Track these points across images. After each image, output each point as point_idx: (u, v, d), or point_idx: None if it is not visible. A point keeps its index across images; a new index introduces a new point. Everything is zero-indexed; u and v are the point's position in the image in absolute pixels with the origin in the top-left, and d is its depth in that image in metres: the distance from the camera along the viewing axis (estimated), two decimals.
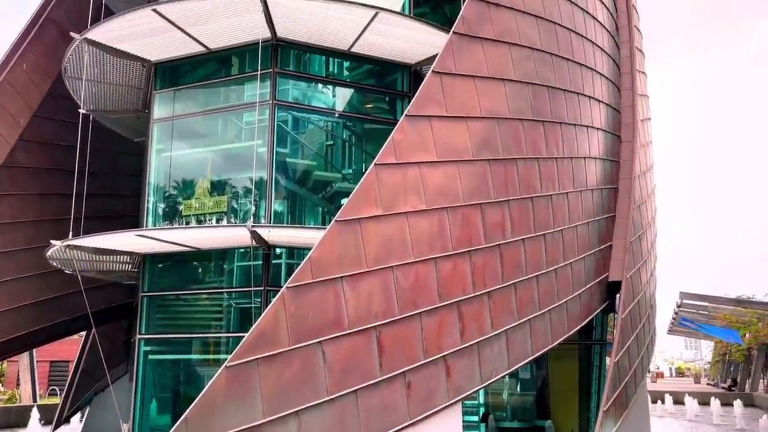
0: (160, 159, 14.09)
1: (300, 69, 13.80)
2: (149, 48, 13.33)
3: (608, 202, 14.92)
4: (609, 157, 15.18)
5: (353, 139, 14.54)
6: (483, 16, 11.67)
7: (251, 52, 13.13)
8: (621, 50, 16.29)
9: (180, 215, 13.60)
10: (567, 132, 13.32)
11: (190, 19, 12.20)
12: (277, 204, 13.03)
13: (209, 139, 14.34)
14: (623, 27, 16.38)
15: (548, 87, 12.79)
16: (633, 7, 16.88)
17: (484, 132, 11.54)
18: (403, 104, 13.83)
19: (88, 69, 13.44)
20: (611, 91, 15.65)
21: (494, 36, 11.80)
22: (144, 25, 12.40)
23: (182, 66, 14.12)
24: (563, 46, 13.41)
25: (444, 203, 10.58)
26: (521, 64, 12.26)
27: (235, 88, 13.90)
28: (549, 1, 13.21)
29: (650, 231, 16.94)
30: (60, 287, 15.67)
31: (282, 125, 13.14)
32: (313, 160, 13.91)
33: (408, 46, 13.18)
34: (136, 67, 13.86)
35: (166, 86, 14.07)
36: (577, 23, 14.01)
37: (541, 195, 12.35)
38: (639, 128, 15.71)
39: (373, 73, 14.43)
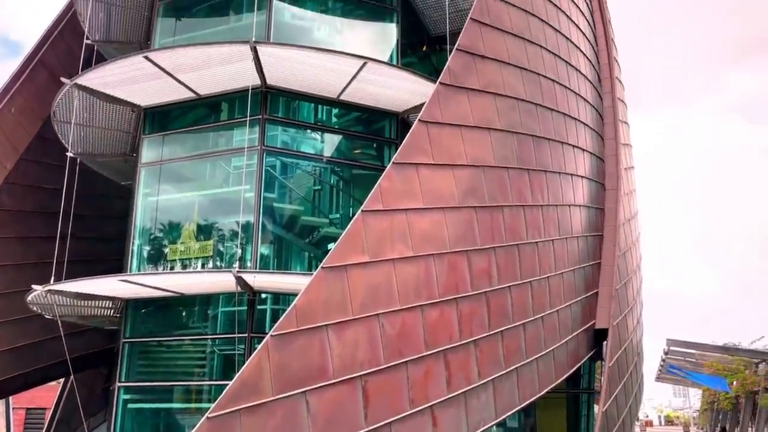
0: (147, 203, 14.04)
1: (289, 115, 13.97)
2: (139, 93, 13.45)
3: (593, 249, 15.03)
4: (593, 205, 15.37)
5: (341, 185, 14.62)
6: (469, 67, 11.94)
7: (241, 99, 13.30)
8: (603, 101, 16.70)
9: (165, 259, 13.48)
10: (552, 180, 13.50)
11: (182, 66, 12.37)
12: (264, 248, 12.97)
13: (196, 183, 14.35)
14: (605, 78, 16.83)
15: (533, 136, 13.03)
16: (614, 60, 17.39)
17: (470, 180, 11.66)
18: (391, 151, 13.98)
19: (77, 113, 13.50)
20: (595, 140, 15.96)
21: (480, 87, 12.06)
22: (135, 72, 12.53)
23: (172, 111, 14.24)
24: (547, 96, 13.72)
25: (431, 250, 10.58)
26: (506, 114, 12.50)
27: (224, 133, 14.00)
28: (533, 52, 13.57)
29: (636, 278, 17.03)
30: (38, 333, 15.33)
31: (270, 170, 13.21)
32: (300, 205, 13.93)
33: (395, 95, 13.42)
34: (125, 112, 13.94)
35: (155, 131, 14.14)
36: (560, 74, 14.38)
37: (527, 242, 12.41)
38: (622, 177, 15.97)
39: (361, 120, 14.64)
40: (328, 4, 15.27)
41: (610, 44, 17.25)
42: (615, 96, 16.62)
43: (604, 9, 17.43)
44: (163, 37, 14.74)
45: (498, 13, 12.71)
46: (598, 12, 17.34)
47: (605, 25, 17.29)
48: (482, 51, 12.19)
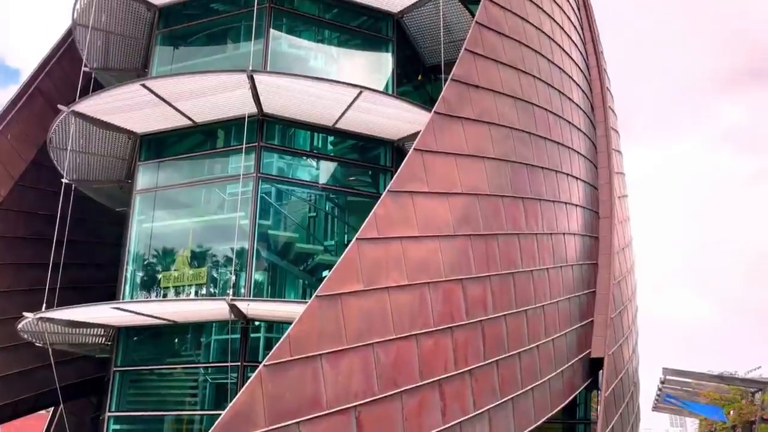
0: (141, 229, 14.00)
1: (285, 143, 14.03)
2: (136, 121, 13.51)
3: (588, 277, 15.02)
4: (588, 233, 15.41)
5: (336, 212, 14.63)
6: (463, 96, 12.06)
7: (237, 126, 13.35)
8: (597, 130, 16.86)
9: (159, 286, 13.39)
10: (546, 208, 13.55)
11: (179, 94, 12.45)
12: (258, 275, 12.91)
13: (191, 210, 14.34)
14: (598, 108, 17.02)
15: (527, 165, 13.11)
16: (607, 90, 17.62)
17: (464, 208, 11.69)
18: (386, 178, 14.03)
19: (73, 140, 13.54)
20: (588, 168, 16.07)
21: (474, 116, 12.17)
22: (133, 99, 12.61)
23: (168, 138, 14.29)
24: (541, 125, 13.85)
25: (426, 278, 10.55)
26: (500, 143, 12.60)
27: (220, 160, 14.03)
28: (527, 82, 13.74)
29: (631, 306, 17.00)
30: (28, 361, 15.13)
31: (265, 197, 13.22)
32: (295, 232, 13.91)
33: (391, 123, 13.51)
34: (121, 139, 13.99)
35: (151, 158, 14.17)
36: (553, 104, 14.54)
37: (522, 270, 12.40)
38: (616, 205, 16.05)
39: (356, 147, 14.72)
40: (324, 34, 15.45)
41: (603, 74, 17.49)
42: (608, 125, 16.80)
43: (596, 41, 17.72)
44: (160, 65, 14.85)
45: (492, 44, 12.90)
46: (590, 44, 17.62)
47: (597, 57, 17.57)
48: (476, 81, 12.34)
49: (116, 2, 14.42)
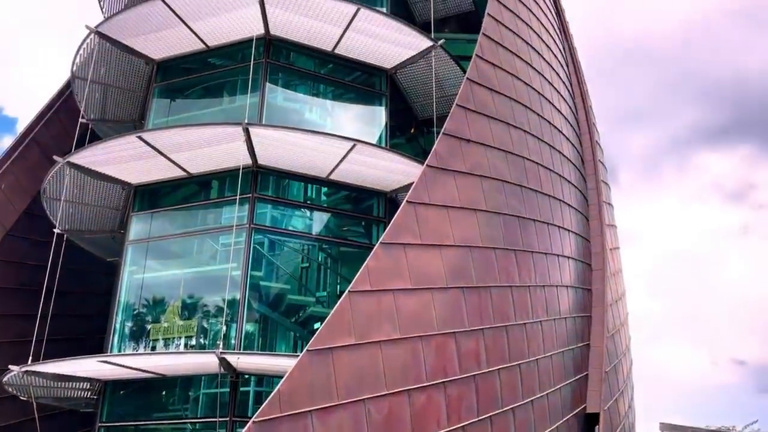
0: (132, 280, 13.89)
1: (278, 194, 14.11)
2: (131, 172, 13.59)
3: (582, 330, 14.94)
4: (581, 285, 15.40)
5: (329, 262, 14.60)
6: (455, 150, 12.26)
7: (231, 177, 13.46)
8: (587, 182, 17.09)
9: (148, 337, 13.20)
10: (539, 261, 13.58)
11: (175, 146, 12.59)
12: (249, 326, 12.76)
13: (183, 260, 14.27)
14: (588, 161, 17.30)
15: (519, 217, 13.21)
16: (597, 143, 17.95)
17: (457, 260, 11.71)
18: (379, 229, 14.08)
19: (67, 190, 13.57)
20: (580, 221, 16.21)
21: (466, 169, 12.33)
22: (128, 151, 12.73)
23: (162, 188, 14.36)
24: (532, 178, 14.03)
25: (418, 332, 10.47)
26: (492, 196, 12.73)
27: (213, 211, 14.07)
28: (517, 137, 13.99)
29: (626, 360, 16.85)
30: (11, 415, 14.72)
31: (258, 248, 13.20)
32: (287, 283, 13.84)
33: (384, 175, 13.66)
34: (115, 190, 14.04)
35: (144, 208, 14.20)
36: (544, 157, 14.77)
37: (516, 323, 12.34)
38: (609, 257, 16.12)
39: (350, 198, 14.82)
40: (319, 88, 15.76)
41: (592, 128, 17.85)
42: (598, 178, 17.04)
43: (585, 96, 18.16)
44: (157, 116, 15.05)
45: (483, 99, 13.19)
46: (579, 98, 18.05)
47: (586, 111, 17.96)
48: (468, 135, 12.56)
49: (115, 56, 14.71)
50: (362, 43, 14.41)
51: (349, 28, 13.87)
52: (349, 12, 13.45)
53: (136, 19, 13.78)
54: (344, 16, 13.54)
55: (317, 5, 13.30)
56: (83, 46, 14.32)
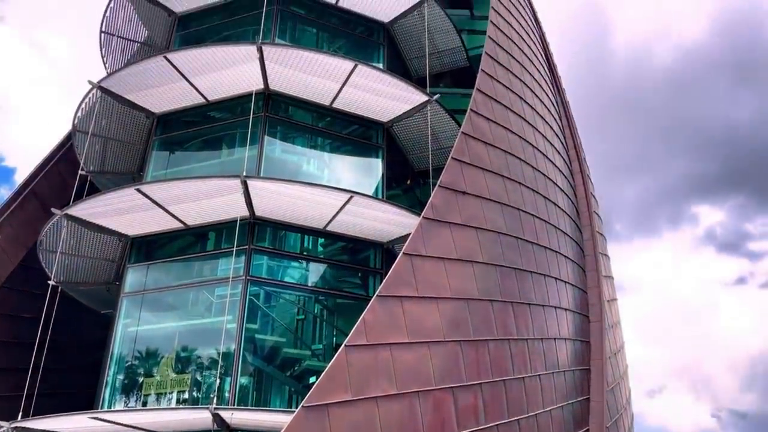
0: (126, 333, 13.74)
1: (275, 245, 14.13)
2: (128, 224, 13.63)
3: (581, 383, 14.73)
4: (579, 338, 15.27)
5: (325, 314, 14.50)
6: (451, 202, 12.36)
7: (228, 228, 13.50)
8: (583, 234, 17.17)
9: (140, 391, 12.96)
10: (536, 313, 13.52)
11: (173, 198, 12.67)
12: (244, 379, 12.56)
13: (178, 313, 14.15)
14: (583, 213, 17.43)
15: (515, 269, 13.22)
16: (591, 195, 18.12)
17: (454, 312, 11.65)
18: (376, 280, 14.04)
19: (64, 242, 13.57)
20: (576, 272, 16.20)
21: (462, 221, 12.41)
22: (127, 203, 12.80)
23: (158, 240, 14.36)
24: (528, 230, 14.10)
25: (415, 387, 10.32)
26: (488, 247, 12.77)
27: (210, 262, 14.04)
28: (512, 188, 14.13)
29: (627, 414, 16.55)
30: None
31: (254, 299, 13.12)
32: (282, 336, 13.70)
33: (381, 226, 13.72)
34: (112, 241, 14.05)
35: (140, 260, 14.17)
36: (540, 209, 14.88)
37: (514, 377, 12.17)
38: (606, 309, 16.05)
39: (346, 249, 14.82)
40: (317, 141, 15.99)
41: (586, 180, 18.06)
42: (594, 229, 17.13)
43: (578, 148, 18.45)
44: (156, 169, 15.19)
45: (478, 152, 13.39)
46: (573, 150, 18.33)
47: (581, 163, 18.21)
48: (463, 187, 12.69)
49: (117, 110, 14.95)
50: (359, 97, 14.71)
51: (347, 84, 14.19)
52: (346, 68, 13.78)
53: (139, 74, 14.08)
54: (342, 71, 13.87)
55: (316, 61, 13.64)
56: (85, 100, 14.57)
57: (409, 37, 17.15)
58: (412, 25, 16.84)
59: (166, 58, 13.61)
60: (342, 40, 16.96)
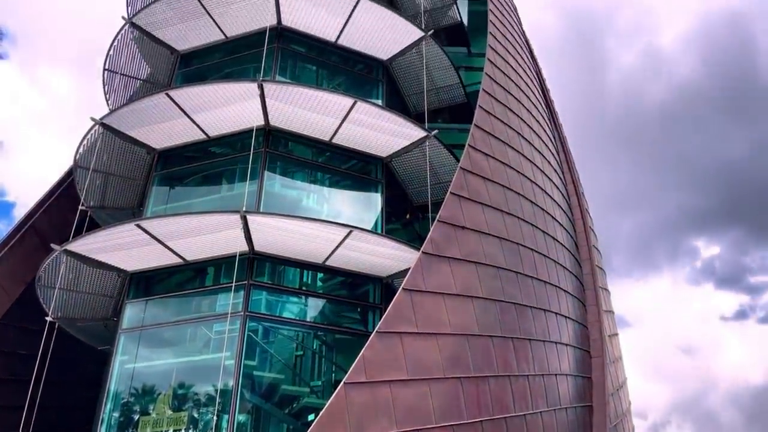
0: (123, 370, 13.59)
1: (274, 280, 14.09)
2: (127, 259, 13.61)
3: (583, 421, 14.53)
4: (580, 374, 15.12)
5: (323, 350, 14.36)
6: (450, 237, 12.39)
7: (227, 263, 13.47)
8: (583, 268, 17.15)
9: (136, 428, 12.76)
10: (537, 348, 13.42)
11: (172, 234, 12.69)
12: (241, 417, 12.38)
13: (176, 349, 14.02)
14: (582, 246, 17.45)
15: (515, 304, 13.17)
16: (590, 229, 18.17)
17: (454, 348, 11.56)
18: (375, 316, 13.96)
19: (62, 278, 13.54)
20: (577, 307, 16.14)
21: (461, 256, 12.42)
22: (126, 239, 12.80)
23: (157, 275, 14.32)
24: (527, 265, 14.10)
25: (415, 425, 10.19)
26: (488, 282, 12.75)
27: (208, 298, 13.97)
28: (511, 223, 14.18)
29: None
30: None
31: (252, 335, 13.02)
32: (281, 372, 13.55)
33: (380, 261, 13.70)
34: (111, 277, 14.01)
35: (139, 296, 14.10)
36: (539, 244, 14.91)
37: (515, 415, 12.02)
38: (607, 344, 15.93)
39: (345, 284, 14.77)
40: (316, 176, 16.09)
41: (585, 214, 18.13)
42: (593, 263, 17.12)
43: (576, 182, 18.57)
44: (156, 204, 15.25)
45: (476, 187, 13.48)
46: (571, 185, 18.45)
47: (579, 197, 18.30)
48: (462, 222, 12.74)
49: (118, 146, 15.08)
50: (359, 133, 14.87)
51: (346, 120, 14.36)
52: (346, 104, 13.96)
53: (141, 111, 14.25)
54: (342, 108, 14.05)
55: (316, 98, 13.83)
56: (87, 136, 14.71)
57: (408, 73, 17.41)
58: (411, 63, 17.11)
59: (168, 96, 13.80)
60: (342, 77, 17.22)
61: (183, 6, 15.78)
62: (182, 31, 16.45)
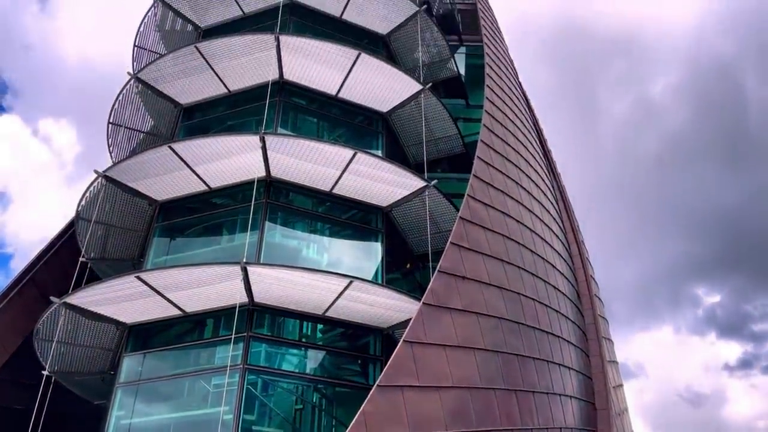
0: (119, 425, 13.31)
1: (274, 332, 13.95)
2: (127, 311, 13.53)
3: None
4: (585, 427, 14.80)
5: (323, 404, 14.11)
6: (451, 287, 12.34)
7: (226, 315, 13.37)
8: (585, 318, 17.00)
9: None
10: (541, 401, 13.17)
11: (172, 285, 12.65)
12: None
13: (174, 403, 13.76)
14: (584, 296, 17.35)
15: (518, 355, 13.01)
16: (591, 278, 18.11)
17: (456, 402, 11.36)
18: (376, 368, 13.76)
19: (61, 331, 13.41)
20: (580, 357, 15.92)
21: (462, 306, 12.34)
22: (126, 291, 12.76)
23: (155, 327, 14.20)
24: (529, 315, 13.99)
25: None
26: (490, 333, 12.63)
27: (207, 350, 13.82)
28: (512, 273, 14.14)
29: None
30: None
31: (251, 389, 12.81)
32: (280, 427, 13.28)
33: (381, 312, 13.60)
34: (109, 330, 13.89)
35: (137, 348, 13.96)
36: (540, 294, 14.83)
37: None
38: (612, 396, 15.64)
39: (345, 335, 14.63)
40: (317, 225, 16.14)
41: (586, 263, 18.10)
42: (596, 313, 16.99)
43: (576, 231, 18.62)
44: (156, 255, 15.25)
45: (476, 237, 13.51)
46: (571, 233, 18.49)
47: (579, 246, 18.32)
48: (463, 272, 12.71)
49: (120, 197, 15.19)
50: (359, 183, 15.00)
51: (347, 171, 14.51)
52: (346, 156, 14.14)
53: (144, 163, 14.42)
54: (342, 159, 14.22)
55: (317, 150, 14.02)
56: (90, 188, 14.84)
57: (407, 125, 17.69)
58: (410, 114, 17.41)
59: (171, 148, 13.99)
60: (342, 128, 17.50)
61: (188, 62, 16.18)
62: (186, 86, 16.82)
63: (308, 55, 15.72)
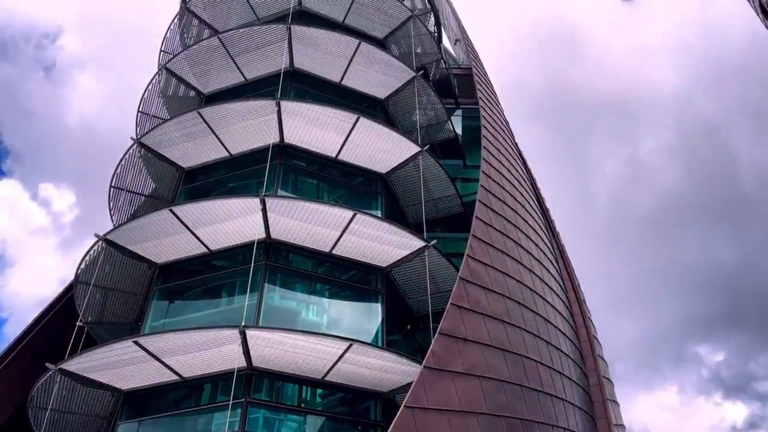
0: None
1: (272, 397, 13.66)
2: (123, 377, 13.29)
3: None
4: None
5: None
6: (452, 350, 12.18)
7: (224, 380, 13.12)
8: (589, 379, 16.68)
9: None
10: None
11: (170, 350, 12.49)
12: None
13: None
14: (588, 356, 17.07)
15: (521, 419, 12.71)
16: (594, 338, 17.87)
17: None
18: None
19: (55, 398, 13.13)
20: (586, 421, 15.53)
21: (464, 369, 12.15)
22: (123, 356, 12.58)
23: (151, 393, 13.91)
24: (532, 377, 13.74)
25: None
26: (492, 397, 12.37)
27: (204, 417, 13.49)
28: (513, 334, 13.98)
29: None
30: None
31: None
32: None
33: (381, 375, 13.36)
34: (104, 396, 13.61)
35: (132, 416, 13.62)
36: (542, 355, 14.61)
37: None
38: None
39: (345, 400, 14.32)
40: (316, 286, 16.06)
41: (588, 322, 17.91)
42: (600, 374, 16.68)
43: (577, 290, 18.53)
44: (155, 319, 15.11)
45: (476, 297, 13.44)
46: (572, 292, 18.38)
47: (581, 305, 18.18)
48: (464, 334, 12.57)
49: (119, 261, 15.19)
50: (359, 244, 15.03)
51: (346, 231, 14.58)
52: (346, 217, 14.24)
53: (144, 227, 14.50)
54: (342, 220, 14.31)
55: (316, 211, 14.12)
56: (90, 252, 14.85)
57: (406, 185, 17.89)
58: (409, 175, 17.62)
59: (172, 212, 14.10)
60: (342, 189, 17.67)
61: (191, 127, 16.53)
62: (188, 149, 17.11)
63: (308, 119, 16.07)
